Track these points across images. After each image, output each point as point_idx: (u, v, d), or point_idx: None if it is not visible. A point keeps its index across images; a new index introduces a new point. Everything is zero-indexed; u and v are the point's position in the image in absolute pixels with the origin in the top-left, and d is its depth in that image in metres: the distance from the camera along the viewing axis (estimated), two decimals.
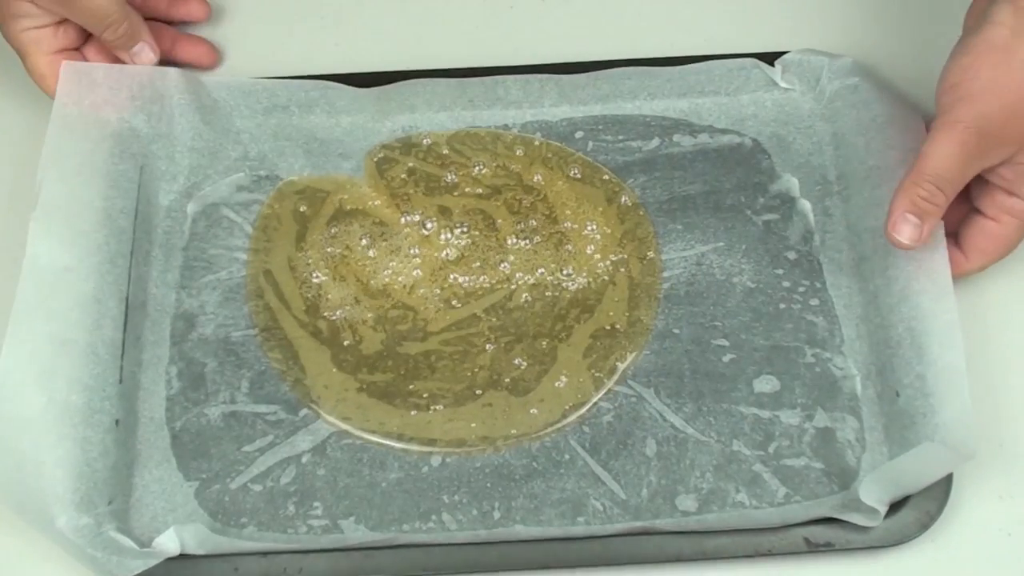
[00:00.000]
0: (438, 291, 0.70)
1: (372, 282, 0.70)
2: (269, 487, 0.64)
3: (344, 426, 0.66)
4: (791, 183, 0.72)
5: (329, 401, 0.66)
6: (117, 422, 0.64)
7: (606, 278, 0.70)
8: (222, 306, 0.69)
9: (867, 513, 0.60)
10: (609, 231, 0.71)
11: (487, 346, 0.68)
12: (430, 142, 0.75)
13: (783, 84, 0.75)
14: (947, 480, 0.62)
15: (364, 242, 0.71)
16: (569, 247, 0.71)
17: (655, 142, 0.74)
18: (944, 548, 0.62)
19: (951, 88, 0.62)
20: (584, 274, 0.70)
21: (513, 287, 0.70)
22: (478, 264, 0.70)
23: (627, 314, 0.69)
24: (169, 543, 0.61)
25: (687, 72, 0.75)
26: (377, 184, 0.73)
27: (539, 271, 0.70)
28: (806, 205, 0.72)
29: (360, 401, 0.66)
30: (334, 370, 0.67)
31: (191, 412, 0.66)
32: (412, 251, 0.71)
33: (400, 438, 0.65)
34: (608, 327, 0.68)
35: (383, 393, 0.67)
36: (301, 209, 0.72)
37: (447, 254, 0.71)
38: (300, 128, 0.75)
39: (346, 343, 0.68)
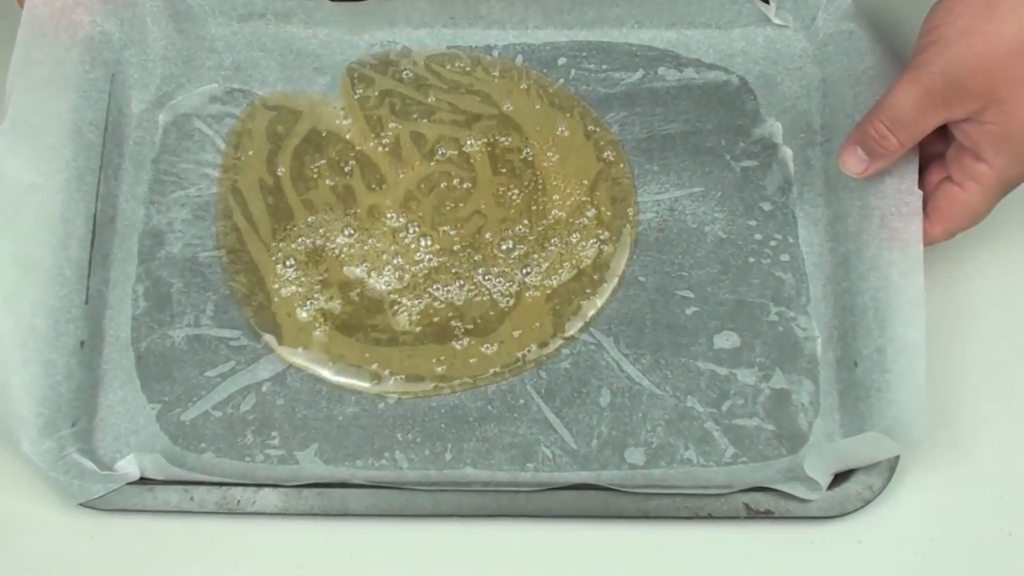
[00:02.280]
0: (419, 303, 0.68)
1: (345, 270, 0.69)
2: (229, 414, 0.65)
3: (304, 356, 0.67)
4: (775, 128, 0.71)
5: (291, 330, 0.67)
6: (82, 343, 0.64)
7: (588, 262, 0.68)
8: (190, 224, 0.69)
9: (809, 485, 0.61)
10: (594, 212, 0.69)
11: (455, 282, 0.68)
12: (411, 74, 0.72)
13: (776, 20, 0.72)
14: (893, 456, 0.62)
15: (345, 234, 0.69)
16: (555, 240, 0.69)
17: (639, 74, 0.72)
18: (884, 524, 0.63)
19: (929, 30, 0.60)
20: (567, 267, 0.68)
21: (495, 295, 0.68)
22: (455, 272, 0.68)
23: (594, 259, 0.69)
24: (130, 467, 0.63)
25: (678, 2, 0.72)
26: (351, 106, 0.72)
27: (524, 270, 0.68)
28: (787, 153, 0.70)
29: (321, 332, 0.67)
30: (297, 296, 0.68)
31: (156, 333, 0.67)
32: (396, 261, 0.68)
33: (359, 372, 0.66)
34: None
35: (345, 325, 0.67)
36: (276, 128, 0.71)
37: (429, 260, 0.69)
38: (276, 38, 0.73)
39: (311, 268, 0.68)
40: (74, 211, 0.66)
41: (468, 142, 0.71)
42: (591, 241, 0.69)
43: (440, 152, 0.71)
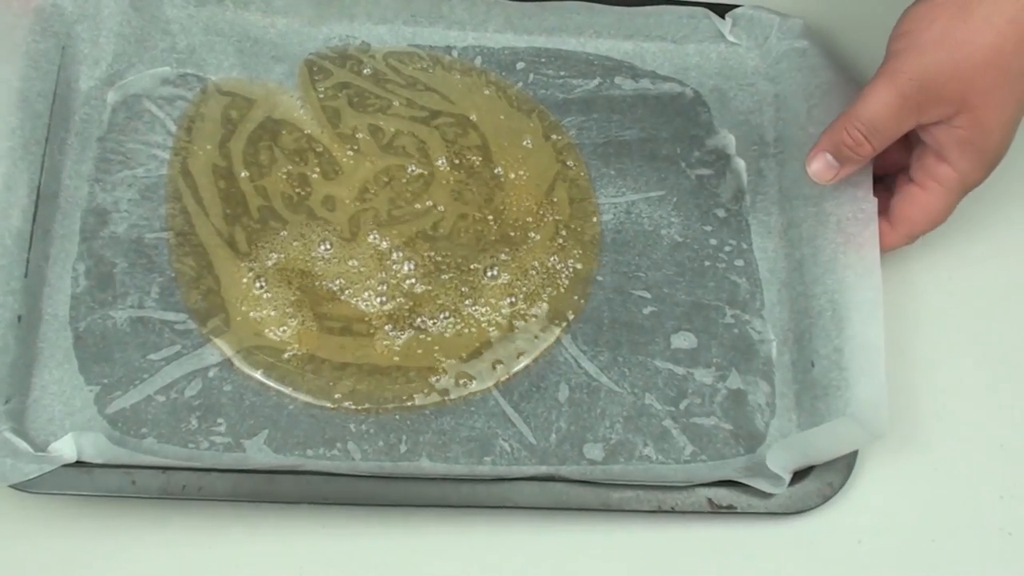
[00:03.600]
0: (402, 335, 0.65)
1: (321, 291, 0.66)
2: (172, 399, 0.62)
3: (254, 343, 0.64)
4: (728, 139, 0.72)
5: (241, 315, 0.64)
6: (20, 318, 0.61)
7: (566, 284, 0.67)
8: (137, 205, 0.66)
9: (772, 479, 0.61)
10: (566, 233, 0.69)
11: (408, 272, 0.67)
12: (369, 69, 0.72)
13: (730, 38, 0.74)
14: (852, 454, 0.63)
15: (322, 249, 0.67)
16: (535, 264, 0.68)
17: (596, 82, 0.73)
18: (843, 520, 0.63)
19: (902, 35, 0.61)
20: (549, 291, 0.67)
21: (483, 324, 0.66)
22: (441, 303, 0.66)
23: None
24: (66, 449, 0.59)
25: (636, 14, 0.73)
26: (309, 96, 0.71)
27: (509, 299, 0.67)
28: (740, 164, 0.71)
29: (290, 355, 0.64)
30: (247, 282, 0.65)
31: (96, 313, 0.63)
32: (381, 288, 0.66)
33: (312, 360, 0.64)
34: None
35: (317, 351, 0.64)
36: (230, 114, 0.69)
37: (412, 283, 0.67)
38: (233, 24, 0.72)
39: (263, 255, 0.66)
40: (17, 180, 0.63)
41: (440, 162, 0.70)
42: (569, 261, 0.68)
43: (410, 169, 0.69)
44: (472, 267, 0.67)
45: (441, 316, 0.66)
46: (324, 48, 0.72)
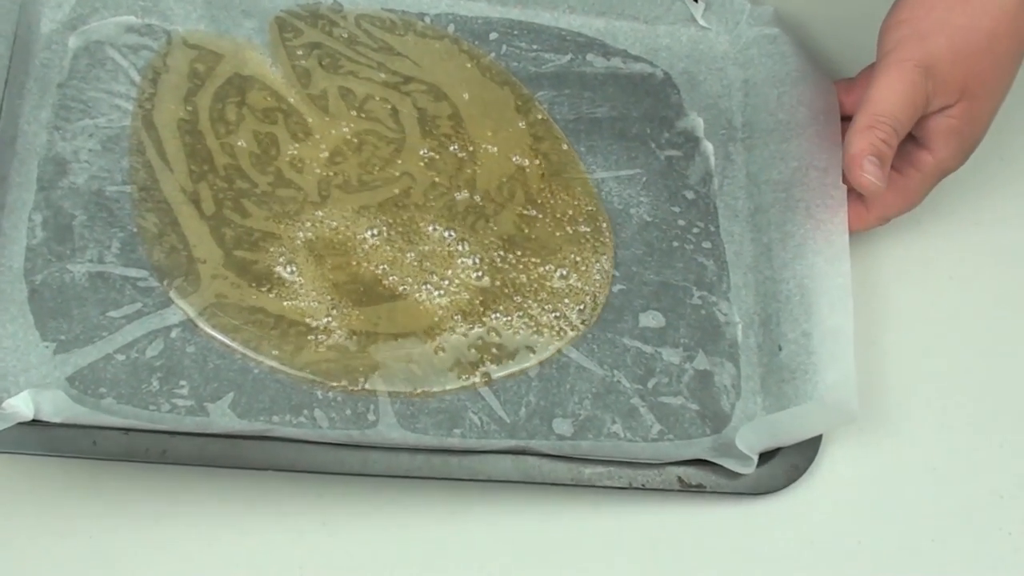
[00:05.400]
0: (473, 329, 0.64)
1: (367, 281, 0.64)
2: (133, 358, 0.59)
3: (218, 303, 0.62)
4: (696, 122, 0.72)
5: (205, 275, 0.62)
6: None
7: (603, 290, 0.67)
8: (98, 156, 0.64)
9: (741, 460, 0.61)
10: (597, 225, 0.68)
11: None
12: (342, 30, 0.70)
13: (702, 22, 0.74)
14: (816, 437, 0.63)
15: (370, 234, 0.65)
16: (598, 267, 0.67)
17: (568, 57, 0.73)
18: (807, 501, 0.63)
19: (900, 23, 0.61)
20: (590, 300, 0.66)
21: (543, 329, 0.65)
22: (517, 302, 0.65)
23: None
24: (22, 406, 0.55)
25: None
26: (279, 54, 0.68)
27: (579, 306, 0.66)
28: (709, 147, 0.71)
29: (238, 280, 0.62)
30: (212, 242, 0.63)
31: (53, 266, 0.61)
32: (445, 283, 0.65)
33: (276, 325, 0.62)
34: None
35: (263, 275, 0.63)
36: (197, 67, 0.67)
37: (478, 276, 0.65)
38: None
39: (228, 216, 0.64)
40: None
41: (411, 129, 0.68)
42: (604, 257, 0.67)
43: (381, 135, 0.68)
44: (543, 270, 0.66)
45: (515, 315, 0.65)
46: (295, 5, 0.70)
